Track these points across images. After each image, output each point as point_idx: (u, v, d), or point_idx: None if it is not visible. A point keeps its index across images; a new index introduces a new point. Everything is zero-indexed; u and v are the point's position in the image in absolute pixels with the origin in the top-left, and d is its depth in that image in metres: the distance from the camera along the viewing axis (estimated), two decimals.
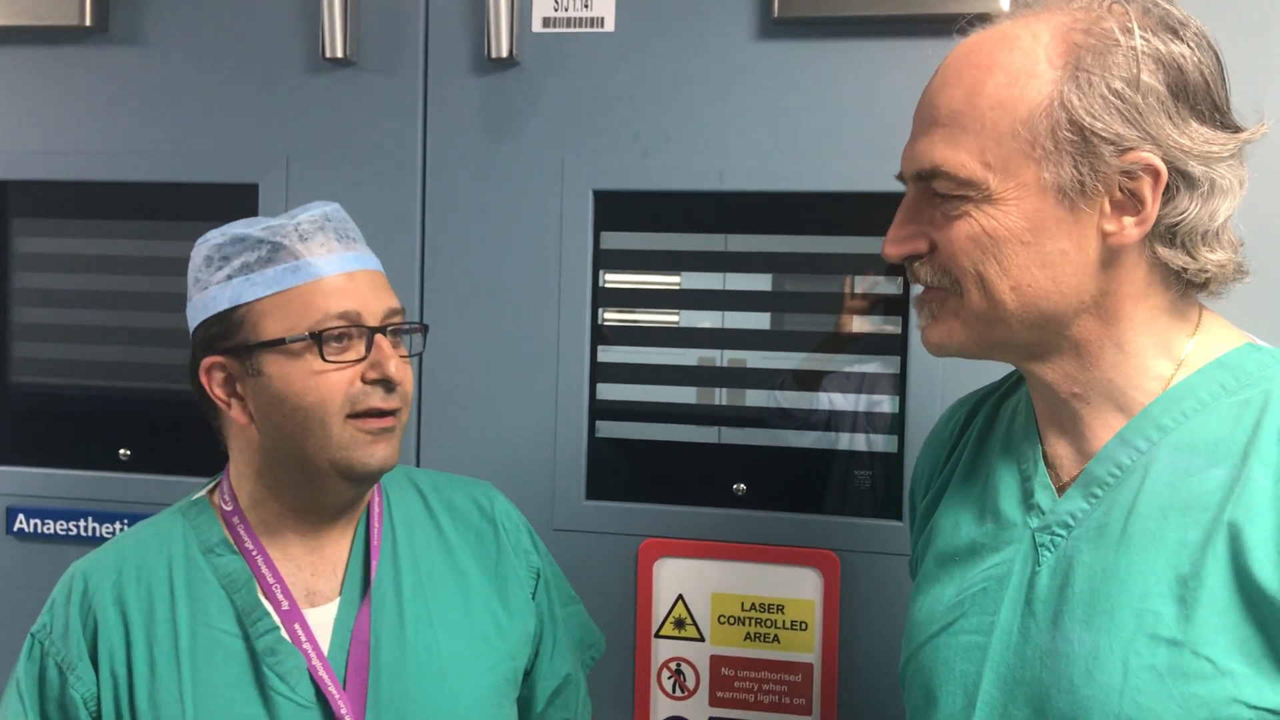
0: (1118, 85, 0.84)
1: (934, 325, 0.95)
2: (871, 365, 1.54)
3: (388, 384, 1.11)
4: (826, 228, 1.53)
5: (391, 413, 1.13)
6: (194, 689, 1.10)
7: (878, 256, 1.51)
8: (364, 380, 1.11)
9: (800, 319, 1.56)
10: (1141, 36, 0.85)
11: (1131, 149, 0.84)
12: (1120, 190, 0.86)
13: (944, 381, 1.48)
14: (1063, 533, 0.93)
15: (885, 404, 1.53)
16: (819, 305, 1.55)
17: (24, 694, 1.12)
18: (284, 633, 1.12)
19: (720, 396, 1.59)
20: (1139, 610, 0.85)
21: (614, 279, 1.59)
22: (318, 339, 1.09)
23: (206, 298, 1.14)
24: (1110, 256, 0.88)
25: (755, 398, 1.57)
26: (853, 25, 1.50)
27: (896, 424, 1.53)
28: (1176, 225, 0.87)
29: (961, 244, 0.89)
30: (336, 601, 1.17)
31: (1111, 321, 0.90)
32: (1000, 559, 0.96)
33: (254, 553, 1.15)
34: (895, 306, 1.52)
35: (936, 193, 0.91)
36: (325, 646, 1.14)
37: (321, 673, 1.12)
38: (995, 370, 1.09)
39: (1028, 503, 0.96)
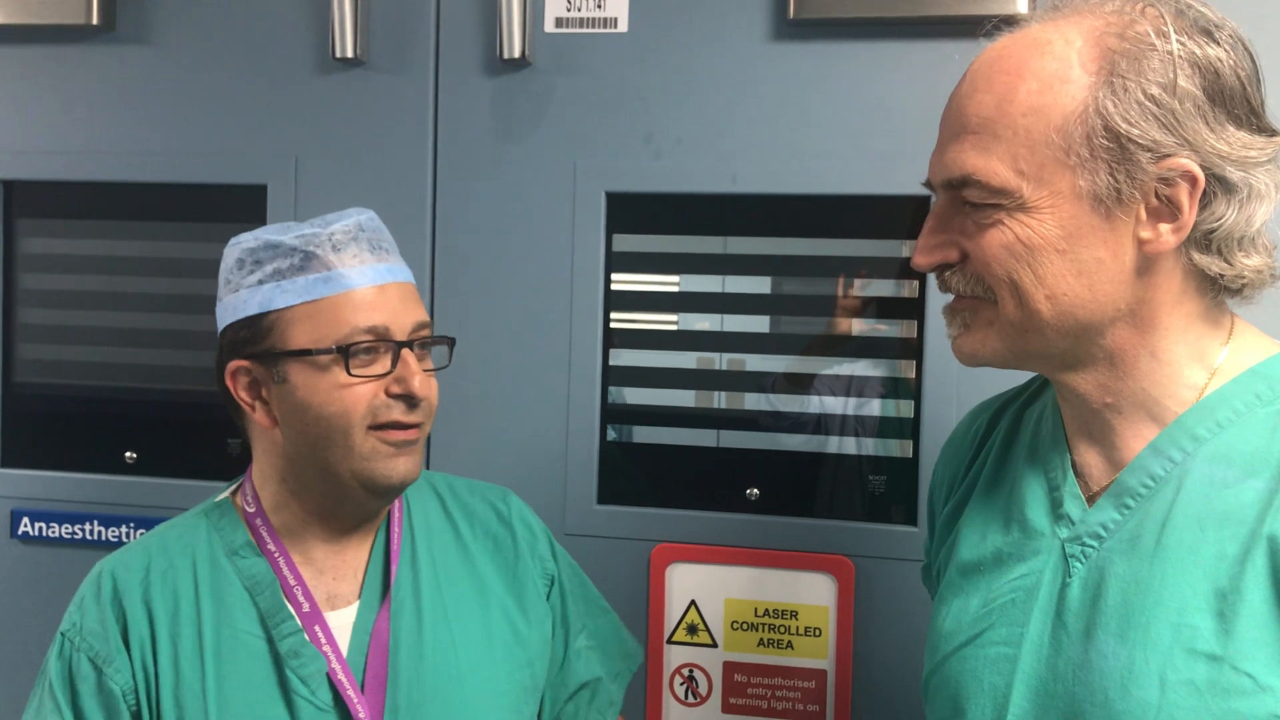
0: (1154, 91, 0.82)
1: (967, 335, 0.94)
2: (886, 369, 1.52)
3: (411, 399, 1.11)
4: (840, 231, 1.52)
5: (414, 426, 1.13)
6: (218, 689, 1.10)
7: (894, 260, 1.50)
8: (388, 394, 1.11)
9: (814, 322, 1.54)
10: (1178, 40, 0.83)
11: (1169, 155, 0.83)
12: (1156, 197, 0.84)
13: (959, 386, 1.47)
14: (1094, 544, 0.91)
15: (900, 408, 1.52)
16: (833, 308, 1.53)
17: (57, 693, 1.11)
18: (306, 635, 1.12)
19: (721, 400, 1.57)
20: (1176, 624, 0.84)
21: (623, 280, 1.57)
22: (344, 353, 1.09)
23: (236, 300, 1.13)
24: (1146, 264, 0.87)
25: (769, 401, 1.56)
26: (869, 27, 1.48)
27: (912, 429, 1.51)
28: (1213, 231, 0.85)
29: (995, 253, 0.88)
30: (356, 605, 1.17)
31: (1147, 330, 0.89)
32: (1028, 569, 0.95)
33: (276, 555, 1.15)
34: (911, 310, 1.51)
35: (967, 201, 0.89)
36: (344, 649, 1.14)
37: (341, 676, 1.12)
38: (1012, 376, 1.07)
39: (1056, 512, 0.95)
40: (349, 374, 1.09)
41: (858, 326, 1.53)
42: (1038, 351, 0.91)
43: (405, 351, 1.12)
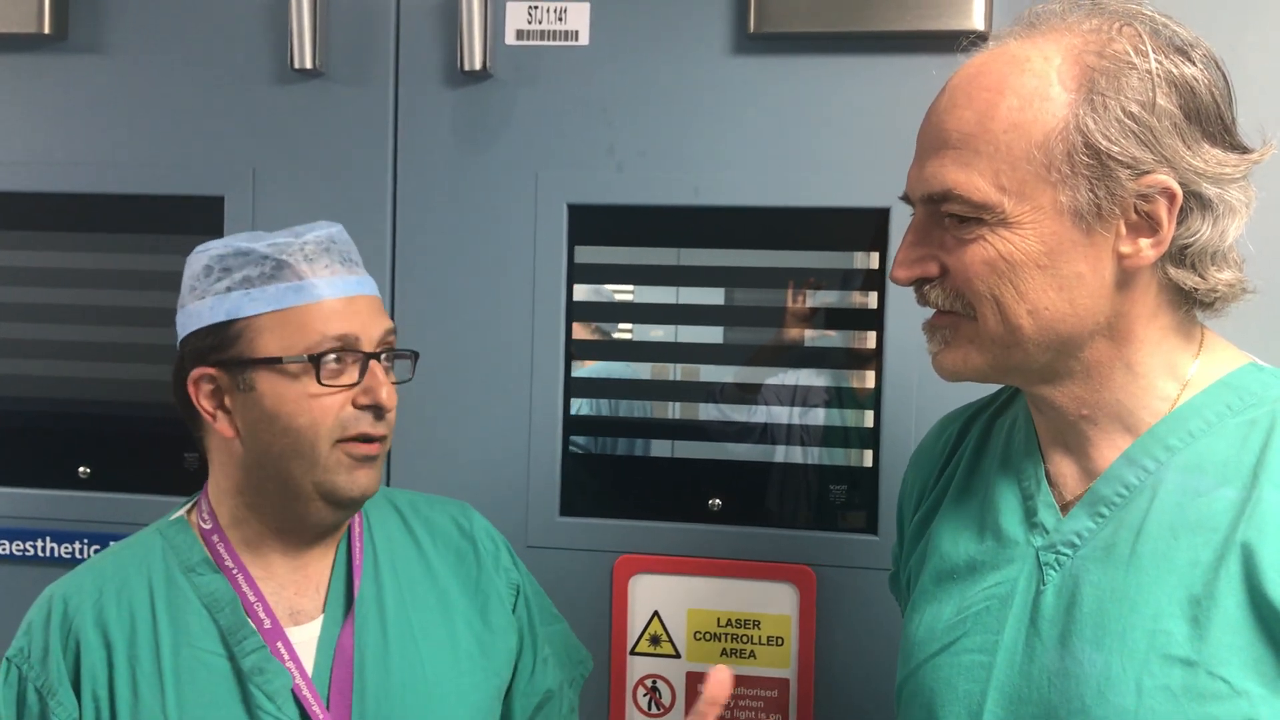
0: (1133, 108, 0.83)
1: (947, 351, 0.93)
2: (846, 380, 1.51)
3: (379, 410, 1.10)
4: (800, 243, 1.51)
5: (379, 439, 1.12)
6: (179, 710, 1.07)
7: (854, 271, 1.49)
8: (355, 405, 1.10)
9: (775, 333, 1.53)
10: (1156, 59, 0.84)
11: (1148, 172, 0.84)
12: (1136, 212, 0.85)
13: (919, 396, 1.47)
14: (1068, 552, 0.92)
15: (860, 418, 1.51)
16: (797, 319, 1.52)
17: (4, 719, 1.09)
18: (269, 651, 1.11)
19: (685, 411, 1.55)
20: (1151, 630, 0.85)
21: (586, 293, 1.55)
22: (315, 362, 1.07)
23: (202, 307, 1.11)
24: (1124, 278, 0.88)
25: (731, 413, 1.54)
26: (828, 41, 1.49)
27: (872, 438, 1.50)
28: (1188, 246, 0.86)
29: (976, 268, 0.88)
30: (320, 620, 1.15)
31: (1123, 343, 0.90)
32: (1002, 577, 0.95)
33: (235, 571, 1.13)
34: (870, 320, 1.50)
35: (948, 215, 0.89)
36: (309, 665, 1.12)
37: (305, 692, 1.10)
38: (972, 385, 1.06)
39: (1030, 521, 0.95)
40: (320, 383, 1.07)
41: (822, 337, 1.52)
42: (1019, 366, 0.91)
43: (373, 363, 1.11)
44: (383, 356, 1.12)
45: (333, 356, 1.08)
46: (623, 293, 1.57)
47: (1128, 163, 0.83)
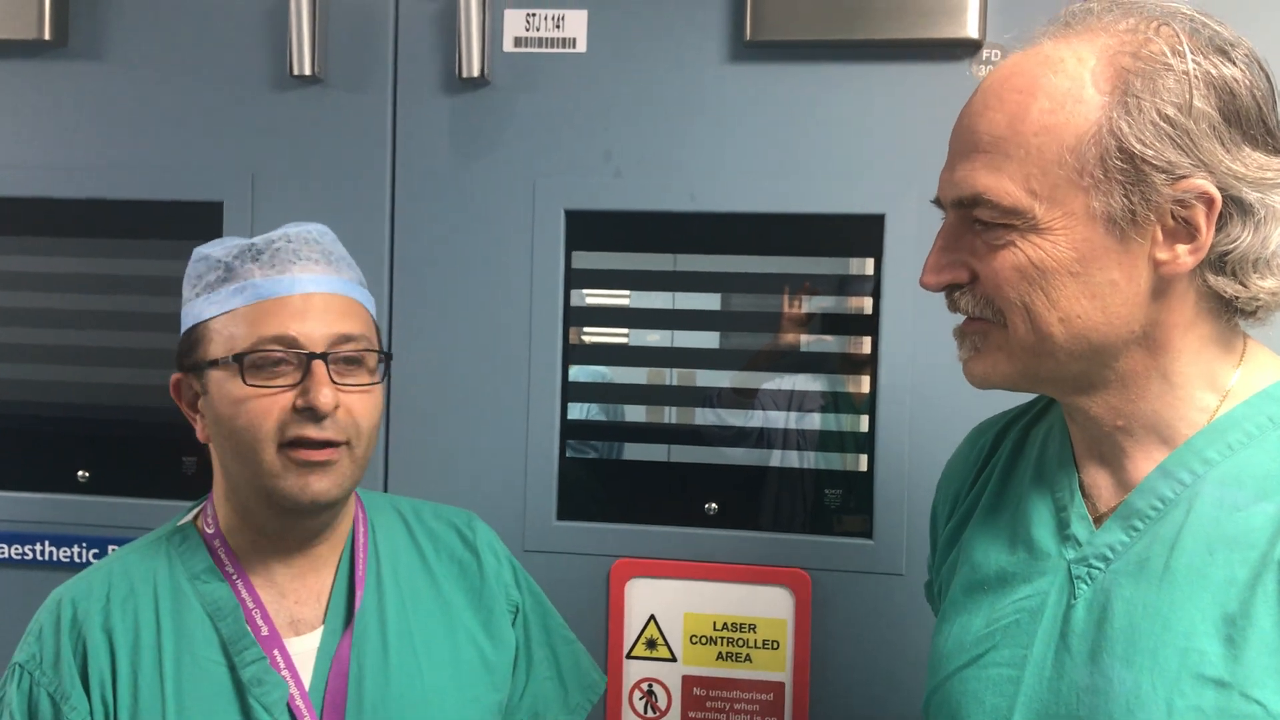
0: (1169, 111, 0.79)
1: (977, 358, 0.89)
2: (842, 384, 1.51)
3: (313, 413, 1.03)
4: (795, 249, 1.50)
5: (326, 445, 1.05)
6: (178, 717, 1.05)
7: (846, 276, 1.49)
8: (295, 408, 1.04)
9: (771, 339, 1.52)
10: (1193, 60, 0.79)
11: (1184, 176, 0.79)
12: (1173, 218, 0.81)
13: (914, 400, 1.46)
14: (1100, 565, 0.87)
15: (855, 423, 1.50)
16: (788, 324, 1.51)
17: None
18: (268, 661, 1.07)
19: (681, 415, 1.54)
20: (1184, 649, 0.80)
21: (585, 298, 1.55)
22: (240, 361, 1.04)
23: (184, 315, 1.12)
24: (1160, 286, 0.83)
25: (716, 415, 1.54)
26: (824, 49, 1.46)
27: (867, 443, 1.50)
28: (1228, 253, 0.81)
29: (1006, 275, 0.84)
30: (320, 630, 1.11)
31: (1159, 352, 0.85)
32: (1033, 590, 0.91)
33: (235, 577, 1.10)
34: (865, 326, 1.49)
35: (978, 220, 0.85)
36: (308, 676, 1.09)
37: (299, 703, 1.07)
38: (971, 392, 1.04)
39: (1063, 533, 0.91)
40: (244, 384, 1.03)
41: (818, 342, 1.51)
42: (1050, 375, 0.87)
43: (316, 364, 1.04)
44: (332, 358, 1.05)
45: (267, 357, 1.04)
46: (604, 297, 1.55)
47: (1163, 167, 0.79)
